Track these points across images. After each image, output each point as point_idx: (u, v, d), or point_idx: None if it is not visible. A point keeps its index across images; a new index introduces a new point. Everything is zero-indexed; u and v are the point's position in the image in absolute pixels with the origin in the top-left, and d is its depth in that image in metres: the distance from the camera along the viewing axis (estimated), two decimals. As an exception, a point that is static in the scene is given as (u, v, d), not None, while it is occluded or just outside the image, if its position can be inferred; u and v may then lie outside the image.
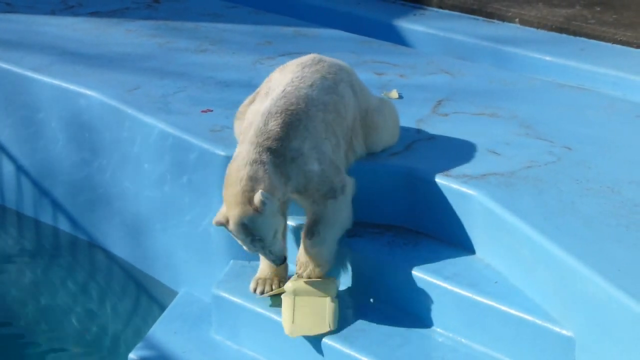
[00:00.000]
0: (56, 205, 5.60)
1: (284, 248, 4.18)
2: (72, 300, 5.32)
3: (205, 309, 4.70)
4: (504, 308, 3.98)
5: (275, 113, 4.08)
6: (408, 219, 4.47)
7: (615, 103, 5.40)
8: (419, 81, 5.56)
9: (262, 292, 4.34)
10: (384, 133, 4.57)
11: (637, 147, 4.79)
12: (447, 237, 4.39)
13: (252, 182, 3.94)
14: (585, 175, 4.42)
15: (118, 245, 5.38)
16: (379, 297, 4.33)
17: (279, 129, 4.05)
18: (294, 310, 4.19)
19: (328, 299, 4.21)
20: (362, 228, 4.44)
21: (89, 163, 5.35)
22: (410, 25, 6.64)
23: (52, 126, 5.48)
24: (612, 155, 4.67)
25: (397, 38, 6.56)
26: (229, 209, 3.98)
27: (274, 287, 4.33)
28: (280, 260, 4.11)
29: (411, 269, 4.21)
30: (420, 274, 4.19)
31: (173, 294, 5.00)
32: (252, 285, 4.37)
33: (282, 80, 4.25)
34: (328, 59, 4.46)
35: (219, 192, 4.62)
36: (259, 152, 4.00)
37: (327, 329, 4.13)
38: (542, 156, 4.60)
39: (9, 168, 5.73)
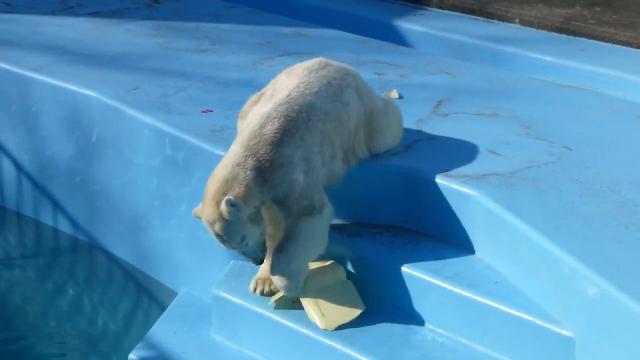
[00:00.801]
0: (56, 206, 5.61)
1: (264, 250, 4.14)
2: (73, 301, 5.32)
3: (205, 309, 4.70)
4: (504, 308, 3.99)
5: (274, 118, 4.07)
6: (408, 219, 4.47)
7: (615, 103, 5.40)
8: (419, 81, 5.56)
9: (262, 292, 4.34)
10: (388, 135, 4.57)
11: (637, 147, 4.79)
12: (447, 237, 4.39)
13: (227, 185, 3.95)
14: (585, 176, 4.42)
15: (118, 246, 5.38)
16: (379, 297, 4.33)
17: (273, 134, 4.04)
18: (318, 305, 4.20)
19: (347, 283, 4.22)
20: (362, 228, 4.45)
21: (88, 163, 5.35)
22: (411, 26, 6.65)
23: (52, 126, 5.48)
24: (612, 155, 4.67)
25: (397, 38, 6.57)
26: (202, 206, 4.03)
27: (273, 287, 4.33)
28: (256, 262, 4.13)
29: (411, 269, 4.21)
30: (420, 274, 4.19)
31: (173, 294, 5.01)
32: (252, 285, 4.37)
33: (288, 84, 4.24)
34: (335, 63, 4.45)
35: (219, 192, 4.65)
36: (245, 156, 4.00)
37: (359, 311, 4.17)
38: (542, 156, 4.60)
39: (9, 168, 5.74)
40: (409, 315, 4.25)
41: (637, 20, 6.49)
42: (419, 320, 4.22)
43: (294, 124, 4.09)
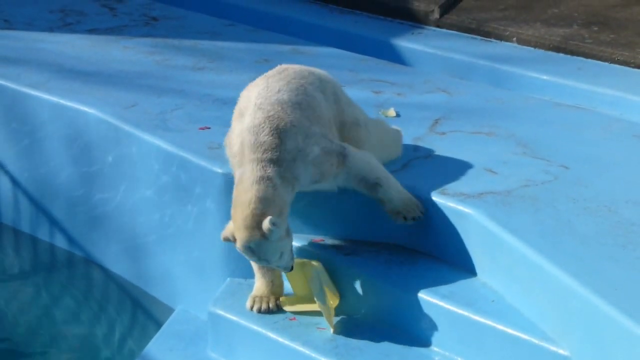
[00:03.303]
0: (53, 222, 5.61)
1: (292, 258, 4.15)
2: (69, 317, 5.32)
3: (201, 326, 4.70)
4: (500, 327, 3.99)
5: (259, 125, 4.07)
6: (405, 237, 4.48)
7: (612, 122, 5.41)
8: (416, 100, 5.58)
9: (259, 310, 4.34)
10: (366, 149, 4.46)
11: (634, 167, 4.80)
12: (443, 255, 4.40)
13: (262, 204, 3.95)
14: (582, 195, 4.43)
15: (115, 262, 5.38)
16: (376, 316, 4.33)
17: (270, 138, 4.05)
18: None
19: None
20: (359, 246, 4.45)
21: (86, 180, 5.36)
22: (408, 44, 6.66)
23: (49, 143, 5.49)
24: (609, 174, 4.68)
25: (395, 56, 6.58)
26: (237, 231, 3.99)
27: (270, 304, 4.33)
28: (288, 270, 4.14)
29: (408, 287, 4.22)
30: (417, 293, 4.19)
31: (169, 311, 5.00)
32: (248, 303, 4.37)
33: (250, 96, 4.25)
34: (295, 66, 4.46)
35: (217, 210, 4.66)
36: (262, 167, 4.01)
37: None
38: (539, 175, 4.61)
39: (6, 185, 5.74)
40: (406, 334, 4.25)
41: (635, 39, 6.50)
42: (416, 339, 4.22)
43: (279, 120, 4.09)
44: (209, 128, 5.04)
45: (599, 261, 3.90)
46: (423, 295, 4.18)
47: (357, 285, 4.36)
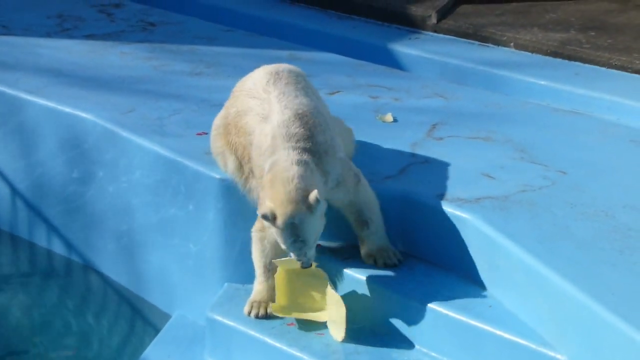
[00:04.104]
0: (51, 228, 5.61)
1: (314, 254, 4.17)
2: (66, 323, 5.32)
3: (199, 332, 4.70)
4: (498, 332, 3.99)
5: (289, 119, 4.15)
6: (402, 242, 4.48)
7: (609, 127, 5.42)
8: (413, 105, 5.58)
9: (257, 315, 4.34)
10: None
11: (631, 172, 4.81)
12: (441, 260, 4.40)
13: (304, 181, 3.99)
14: (580, 200, 4.44)
15: (112, 268, 5.38)
16: (373, 321, 4.33)
17: (302, 130, 4.12)
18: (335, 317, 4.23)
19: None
20: (356, 251, 4.45)
21: (83, 185, 5.36)
22: (405, 49, 6.67)
23: (46, 148, 5.49)
24: (606, 179, 4.69)
25: (392, 61, 6.59)
26: (280, 207, 3.98)
27: (269, 310, 4.33)
28: (309, 265, 4.12)
29: (405, 293, 4.22)
30: (414, 298, 4.20)
31: (167, 317, 5.00)
32: (246, 309, 4.37)
33: (270, 99, 4.28)
34: (280, 66, 4.52)
35: (214, 215, 4.66)
36: (299, 154, 4.06)
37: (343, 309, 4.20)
38: (537, 180, 4.62)
39: (3, 190, 5.74)
40: (403, 339, 4.25)
41: (632, 44, 6.52)
42: (413, 344, 4.22)
43: (309, 116, 4.19)
44: (207, 133, 5.03)
45: (597, 266, 3.91)
46: (420, 301, 4.18)
47: (354, 291, 4.36)
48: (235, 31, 6.80)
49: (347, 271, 4.38)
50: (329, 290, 4.24)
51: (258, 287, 4.37)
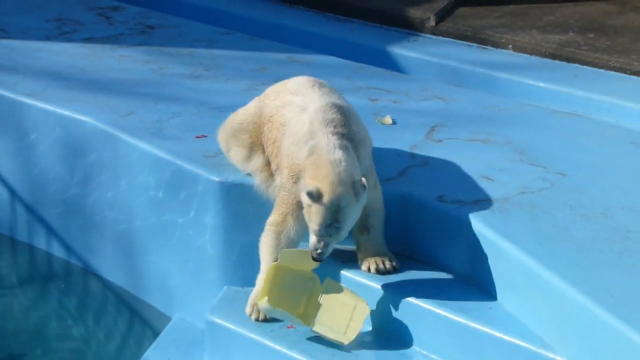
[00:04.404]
0: (49, 231, 5.61)
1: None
2: (66, 326, 5.32)
3: (198, 335, 4.70)
4: (498, 334, 3.99)
5: (326, 105, 4.20)
6: (402, 244, 4.48)
7: (608, 129, 5.43)
8: (412, 107, 5.59)
9: (258, 318, 4.34)
10: None
11: (630, 173, 4.81)
12: (440, 263, 4.40)
13: (350, 166, 4.02)
14: (579, 201, 4.44)
15: (112, 271, 5.38)
16: (373, 323, 4.33)
17: (340, 116, 4.18)
18: (328, 323, 4.20)
19: (332, 285, 4.27)
20: (354, 254, 4.45)
21: (82, 188, 5.36)
22: (404, 52, 6.68)
23: (45, 152, 5.49)
24: (605, 181, 4.69)
25: (391, 64, 6.60)
26: (329, 186, 3.98)
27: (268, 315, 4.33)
28: (324, 258, 4.09)
29: (405, 294, 4.22)
30: (413, 300, 4.20)
31: (166, 319, 5.00)
32: (248, 310, 4.37)
33: (312, 96, 4.36)
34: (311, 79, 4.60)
35: (214, 217, 4.67)
36: (338, 139, 4.09)
37: (366, 310, 4.19)
38: (536, 182, 4.62)
39: (2, 193, 5.74)
40: (403, 341, 4.25)
41: (631, 46, 6.53)
42: (412, 346, 4.22)
43: (341, 107, 4.26)
44: (206, 136, 5.04)
45: (596, 268, 3.91)
46: (420, 303, 4.18)
47: (353, 290, 4.35)
48: (233, 34, 6.81)
49: (346, 274, 4.38)
50: (336, 294, 4.23)
51: (257, 288, 4.35)
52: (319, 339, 4.22)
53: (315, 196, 3.97)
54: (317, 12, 7.34)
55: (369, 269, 4.35)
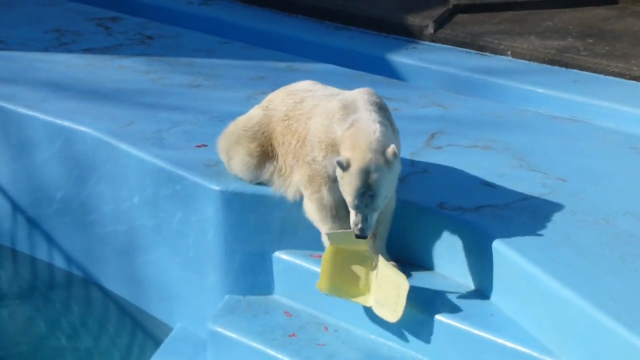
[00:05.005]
0: (50, 242, 5.61)
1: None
2: (67, 337, 5.31)
3: (200, 344, 4.70)
4: (500, 340, 4.00)
5: (366, 92, 4.25)
6: (402, 251, 4.48)
7: (608, 134, 5.43)
8: (412, 114, 5.59)
9: None
10: None
11: (631, 178, 4.82)
12: (442, 269, 4.41)
13: (385, 137, 4.03)
14: (580, 207, 4.44)
15: (113, 281, 5.38)
16: (374, 331, 4.33)
17: (378, 100, 4.23)
18: (380, 300, 4.21)
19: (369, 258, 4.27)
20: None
21: (83, 199, 5.36)
22: (403, 59, 6.69)
23: (46, 163, 5.49)
24: (606, 186, 4.70)
25: (390, 72, 6.60)
26: (358, 154, 3.99)
27: None
28: (366, 233, 4.05)
29: (406, 302, 4.22)
30: (415, 307, 4.20)
31: (168, 329, 5.00)
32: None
33: (333, 90, 4.49)
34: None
35: (214, 227, 4.67)
36: (380, 116, 4.12)
37: (406, 285, 4.15)
38: (536, 188, 4.63)
39: (3, 204, 5.74)
40: (404, 348, 4.26)
41: (630, 51, 6.54)
42: (414, 353, 4.22)
43: (378, 97, 4.30)
44: (206, 145, 5.05)
45: (597, 273, 3.92)
46: (421, 309, 4.19)
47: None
48: (232, 43, 6.82)
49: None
50: (386, 269, 4.21)
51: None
52: (321, 348, 4.23)
53: (345, 165, 4.00)
54: (315, 21, 7.34)
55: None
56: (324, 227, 4.36)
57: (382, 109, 4.20)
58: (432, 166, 4.84)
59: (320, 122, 4.28)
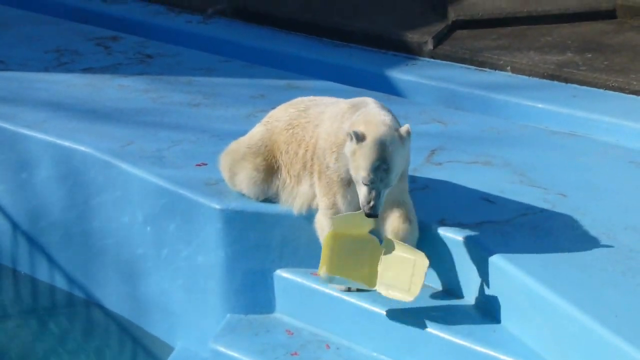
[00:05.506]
0: (51, 262, 5.61)
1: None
2: (69, 357, 5.30)
3: (202, 364, 4.70)
4: (502, 357, 3.99)
5: (379, 102, 4.29)
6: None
7: (608, 149, 5.44)
8: (412, 131, 5.57)
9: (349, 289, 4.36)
10: None
11: (631, 193, 4.82)
12: (442, 286, 4.40)
13: (396, 121, 4.12)
14: (581, 222, 4.44)
15: (114, 301, 5.37)
16: (377, 348, 4.33)
17: (390, 111, 4.27)
18: (389, 281, 4.20)
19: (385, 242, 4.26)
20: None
21: (83, 219, 5.36)
22: (402, 75, 6.69)
23: (46, 183, 5.49)
24: (606, 201, 4.70)
25: (390, 88, 6.61)
26: (373, 128, 4.03)
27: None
28: (377, 211, 4.05)
29: (408, 319, 4.22)
30: (417, 325, 4.20)
31: (169, 349, 4.99)
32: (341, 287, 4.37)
33: (333, 98, 4.55)
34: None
35: (215, 246, 4.67)
36: (390, 112, 4.20)
37: (425, 261, 4.14)
38: (537, 203, 4.62)
39: (4, 225, 5.74)
40: (407, 366, 4.25)
41: (629, 65, 6.54)
42: (417, 371, 4.22)
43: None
44: (206, 164, 5.05)
45: (599, 288, 3.92)
46: (423, 327, 4.18)
47: (360, 319, 4.36)
48: (233, 62, 6.83)
49: (352, 299, 4.38)
50: (398, 251, 4.20)
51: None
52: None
53: (360, 136, 4.02)
54: (314, 38, 7.35)
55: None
56: None
57: (390, 112, 4.24)
58: (433, 182, 4.84)
59: (329, 125, 4.30)
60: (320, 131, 4.35)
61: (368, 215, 4.06)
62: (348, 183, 4.22)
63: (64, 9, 7.88)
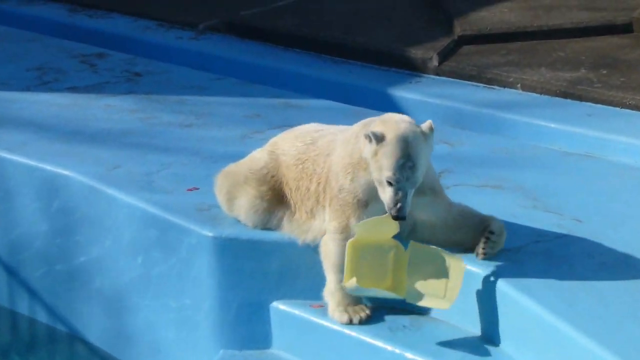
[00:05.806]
0: (32, 294, 5.58)
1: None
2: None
3: (194, 402, 4.67)
4: (515, 394, 3.97)
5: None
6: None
7: (626, 171, 5.43)
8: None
9: (361, 321, 4.31)
10: None
11: (652, 218, 4.81)
12: (451, 318, 4.38)
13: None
14: (598, 249, 4.42)
15: (99, 335, 5.35)
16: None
17: None
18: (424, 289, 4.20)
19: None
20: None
21: (67, 248, 5.35)
22: (406, 94, 6.70)
23: (28, 209, 5.48)
24: (625, 227, 4.68)
25: (392, 107, 6.58)
26: (392, 124, 4.08)
27: (367, 311, 4.32)
28: (405, 212, 4.03)
29: (414, 353, 4.19)
30: (425, 356, 4.16)
31: (159, 386, 4.97)
32: (344, 318, 4.33)
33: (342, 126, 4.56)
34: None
35: (208, 276, 4.65)
36: None
37: (462, 265, 4.15)
38: (551, 229, 4.61)
39: (-18, 255, 5.73)
40: (415, 402, 4.23)
41: (646, 82, 6.55)
42: (425, 408, 4.19)
43: None
44: (198, 189, 5.04)
45: (618, 320, 3.89)
46: (432, 358, 4.14)
47: (360, 351, 4.32)
48: (225, 79, 6.84)
49: (352, 332, 4.35)
50: (435, 252, 4.20)
51: (341, 291, 4.31)
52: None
53: (379, 136, 4.04)
54: (312, 55, 7.36)
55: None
56: (334, 276, 4.33)
57: None
58: (440, 207, 4.82)
59: (342, 149, 4.32)
60: (332, 158, 4.36)
61: (395, 218, 4.05)
62: (365, 204, 4.21)
63: (47, 25, 7.90)
